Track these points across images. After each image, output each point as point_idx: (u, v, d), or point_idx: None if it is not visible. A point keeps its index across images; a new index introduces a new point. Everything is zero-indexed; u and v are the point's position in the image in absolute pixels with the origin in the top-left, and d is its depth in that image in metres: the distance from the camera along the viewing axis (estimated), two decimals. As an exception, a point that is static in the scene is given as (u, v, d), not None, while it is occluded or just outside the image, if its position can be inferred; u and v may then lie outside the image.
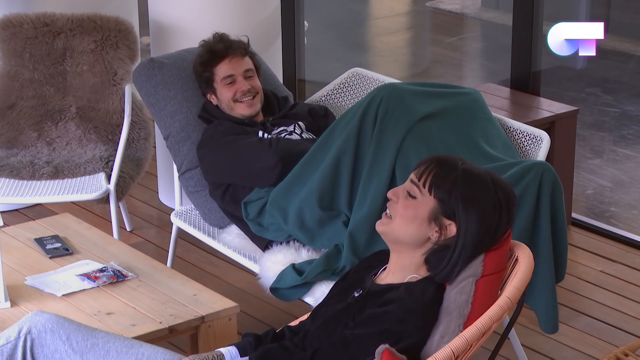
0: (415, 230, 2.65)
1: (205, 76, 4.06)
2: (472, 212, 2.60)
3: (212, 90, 4.07)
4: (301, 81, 6.00)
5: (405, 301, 2.61)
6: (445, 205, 2.62)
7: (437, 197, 2.62)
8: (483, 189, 2.62)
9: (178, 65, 4.17)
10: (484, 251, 2.63)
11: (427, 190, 2.63)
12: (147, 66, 4.15)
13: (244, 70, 4.03)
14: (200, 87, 4.12)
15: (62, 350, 2.75)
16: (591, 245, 4.79)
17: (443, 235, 2.64)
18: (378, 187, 3.53)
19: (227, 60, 4.03)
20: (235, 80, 4.02)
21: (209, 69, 4.04)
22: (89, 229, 3.79)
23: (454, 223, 2.62)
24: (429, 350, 2.59)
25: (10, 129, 4.74)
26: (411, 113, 3.63)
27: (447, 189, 2.62)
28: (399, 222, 2.66)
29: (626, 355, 3.11)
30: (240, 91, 4.00)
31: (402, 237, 2.67)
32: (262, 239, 3.79)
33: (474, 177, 2.63)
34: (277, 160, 3.75)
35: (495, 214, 2.62)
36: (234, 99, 4.01)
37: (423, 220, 2.64)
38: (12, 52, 4.74)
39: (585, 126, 6.31)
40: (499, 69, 7.23)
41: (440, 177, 2.63)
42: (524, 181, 3.41)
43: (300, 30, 5.94)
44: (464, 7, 8.92)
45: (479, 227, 2.61)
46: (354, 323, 2.64)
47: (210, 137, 3.95)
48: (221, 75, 4.03)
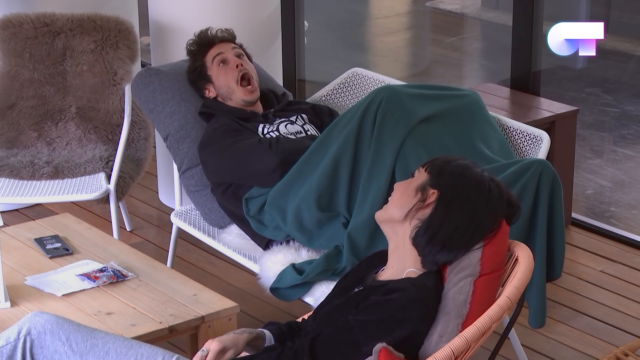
0: (405, 200, 2.74)
1: (198, 67, 4.06)
2: (458, 186, 2.70)
3: (208, 80, 4.05)
4: (301, 81, 6.00)
5: (408, 290, 2.63)
6: (434, 177, 2.74)
7: (430, 172, 2.75)
8: (476, 174, 2.74)
9: (175, 72, 4.17)
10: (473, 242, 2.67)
11: (424, 169, 2.77)
12: (143, 74, 4.16)
13: (233, 52, 4.05)
14: (196, 88, 4.11)
15: (61, 351, 2.75)
16: (591, 245, 4.79)
17: (423, 203, 2.71)
18: (378, 190, 3.53)
19: (214, 45, 4.06)
20: (226, 59, 4.02)
21: (199, 58, 4.06)
22: (89, 229, 3.79)
23: (437, 192, 2.71)
24: (427, 350, 2.59)
25: (10, 129, 4.74)
26: (410, 115, 3.63)
27: (441, 164, 2.76)
28: (394, 197, 2.79)
29: (626, 355, 3.11)
30: (236, 69, 3.99)
31: (393, 211, 2.76)
32: (263, 237, 3.79)
33: (471, 165, 2.77)
34: (278, 163, 3.75)
35: (481, 199, 2.70)
36: (236, 81, 3.98)
37: (412, 191, 2.74)
38: (12, 52, 4.74)
39: (585, 126, 6.31)
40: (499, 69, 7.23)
41: (440, 160, 2.79)
42: (523, 179, 3.41)
43: (300, 30, 5.94)
44: (464, 7, 8.92)
45: (462, 202, 2.69)
46: (357, 310, 2.64)
47: (210, 137, 3.94)
48: (211, 57, 4.03)
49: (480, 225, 2.68)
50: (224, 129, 3.92)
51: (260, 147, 3.82)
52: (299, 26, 5.90)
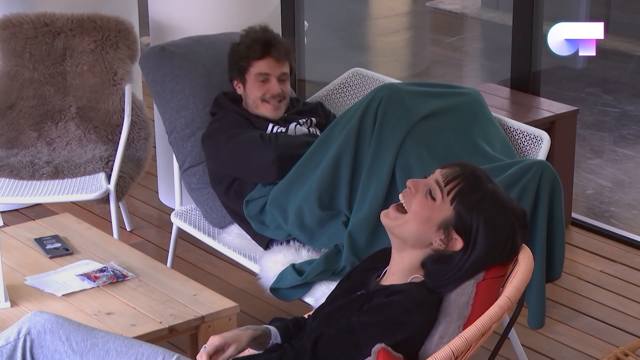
0: (422, 232, 2.63)
1: (241, 65, 3.96)
2: (487, 238, 2.59)
3: (242, 81, 3.98)
4: (301, 81, 6.00)
5: (413, 293, 2.61)
6: (461, 220, 2.60)
7: (457, 210, 2.60)
8: (503, 221, 2.61)
9: (188, 58, 4.10)
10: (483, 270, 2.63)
11: (449, 199, 2.61)
12: (157, 54, 4.10)
13: (280, 73, 3.95)
14: (229, 71, 4.02)
15: (61, 351, 2.75)
16: (591, 245, 4.79)
17: (446, 246, 2.63)
18: (378, 188, 3.53)
19: (268, 58, 3.94)
20: (268, 80, 3.94)
21: (247, 60, 3.94)
22: (89, 229, 3.79)
23: (462, 239, 2.61)
24: (428, 350, 2.59)
25: (10, 129, 4.74)
26: (411, 113, 3.63)
27: (469, 207, 2.60)
28: (411, 219, 2.64)
29: (626, 355, 3.11)
30: (271, 93, 3.93)
31: (407, 234, 2.64)
32: (263, 237, 3.79)
33: (499, 204, 2.61)
34: (275, 157, 3.74)
35: (510, 247, 2.63)
36: (262, 99, 3.95)
37: (433, 225, 2.62)
38: (12, 52, 4.74)
39: (585, 126, 6.31)
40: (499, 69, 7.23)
41: (466, 192, 2.61)
42: (524, 180, 3.41)
43: (300, 30, 5.94)
44: (464, 7, 8.92)
45: (488, 254, 2.61)
46: (360, 311, 2.64)
47: (215, 129, 3.92)
48: (257, 71, 3.93)
49: (494, 263, 2.64)
50: (230, 124, 3.90)
51: (260, 140, 3.80)
52: (299, 26, 5.90)
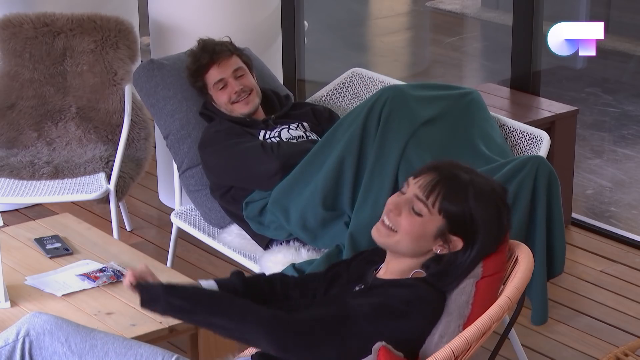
0: (420, 246, 2.64)
1: (198, 86, 4.09)
2: (483, 232, 2.61)
3: (210, 96, 4.09)
4: (301, 81, 6.00)
5: (418, 287, 2.61)
6: (455, 223, 2.60)
7: (447, 216, 2.60)
8: (492, 207, 2.61)
9: (178, 67, 4.19)
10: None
11: (436, 210, 2.60)
12: (146, 67, 4.18)
13: (232, 70, 4.03)
14: (200, 95, 4.14)
15: (60, 352, 2.74)
16: (591, 245, 4.79)
17: (447, 250, 2.63)
18: (381, 190, 3.52)
19: (214, 67, 4.04)
20: (226, 84, 4.03)
21: (200, 78, 4.07)
22: (89, 229, 3.79)
23: (461, 239, 2.62)
24: (427, 350, 2.58)
25: (10, 129, 4.74)
26: (414, 117, 3.63)
27: (458, 208, 2.59)
28: (404, 237, 2.63)
29: (626, 355, 3.11)
30: (235, 93, 4.01)
31: (404, 249, 2.65)
32: (263, 237, 3.79)
33: (484, 196, 2.60)
34: (279, 167, 3.76)
35: (500, 228, 2.64)
36: (230, 102, 4.02)
37: (429, 237, 2.62)
38: (12, 52, 4.74)
39: (585, 126, 6.31)
40: (499, 69, 7.23)
41: (450, 197, 2.59)
42: (520, 176, 3.40)
43: (300, 30, 5.94)
44: (464, 7, 8.92)
45: (486, 243, 2.62)
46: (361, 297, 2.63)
47: (212, 138, 3.95)
48: (212, 82, 4.04)
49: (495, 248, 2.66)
50: (227, 132, 3.94)
51: (262, 150, 3.82)
52: (299, 26, 5.90)
